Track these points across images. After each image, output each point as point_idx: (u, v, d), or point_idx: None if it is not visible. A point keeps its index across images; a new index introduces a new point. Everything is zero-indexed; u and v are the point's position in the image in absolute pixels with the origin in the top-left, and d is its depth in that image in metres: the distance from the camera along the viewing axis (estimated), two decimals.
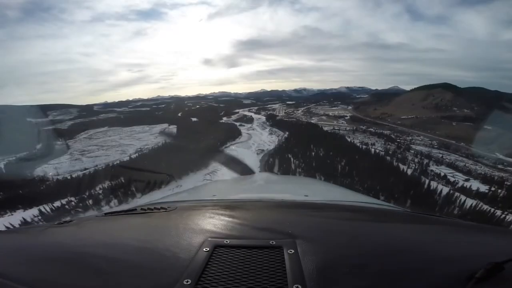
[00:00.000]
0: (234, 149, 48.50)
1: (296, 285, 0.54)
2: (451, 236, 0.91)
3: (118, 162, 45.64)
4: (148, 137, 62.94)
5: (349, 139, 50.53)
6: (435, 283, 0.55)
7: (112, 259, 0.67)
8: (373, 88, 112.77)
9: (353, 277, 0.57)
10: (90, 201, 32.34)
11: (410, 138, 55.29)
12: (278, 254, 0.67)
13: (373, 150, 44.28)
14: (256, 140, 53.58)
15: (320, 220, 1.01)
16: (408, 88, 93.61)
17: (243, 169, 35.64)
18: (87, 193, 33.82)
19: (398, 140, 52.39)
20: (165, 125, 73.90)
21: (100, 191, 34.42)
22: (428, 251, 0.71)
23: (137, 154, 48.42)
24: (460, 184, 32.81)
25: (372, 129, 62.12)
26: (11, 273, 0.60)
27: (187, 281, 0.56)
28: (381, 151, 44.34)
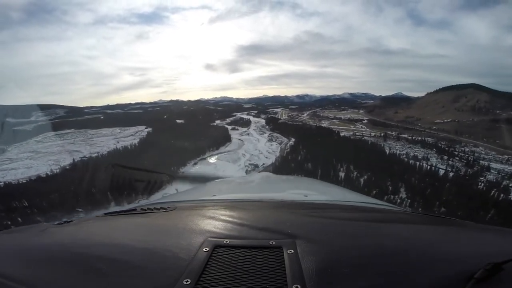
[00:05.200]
0: (213, 162, 30.35)
1: (296, 285, 0.52)
2: (451, 236, 0.87)
3: (34, 177, 27.90)
4: (108, 141, 45.32)
5: (387, 150, 32.19)
6: (434, 283, 0.53)
7: (112, 259, 0.64)
8: (377, 94, 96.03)
9: (352, 277, 0.55)
10: None
11: (468, 149, 36.82)
12: (277, 254, 0.64)
13: (431, 167, 25.93)
14: (250, 148, 35.33)
15: (320, 220, 0.95)
16: (412, 94, 79.10)
17: None
18: None
19: (455, 153, 33.88)
20: (141, 127, 56.80)
21: None
22: (428, 251, 0.68)
23: (69, 167, 30.40)
24: None
25: (406, 135, 43.81)
26: (11, 273, 0.58)
27: (186, 281, 0.54)
28: (449, 170, 26.05)
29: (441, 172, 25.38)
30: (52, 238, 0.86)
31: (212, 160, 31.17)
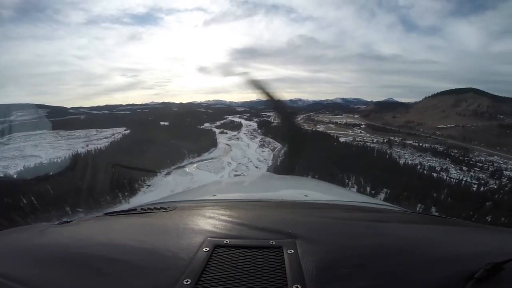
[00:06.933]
0: (191, 172, 24.76)
1: (296, 285, 0.51)
2: (451, 236, 0.86)
3: None
4: (77, 144, 39.27)
5: (397, 159, 27.28)
6: (434, 283, 0.52)
7: (112, 259, 0.63)
8: (369, 100, 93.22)
9: (352, 277, 0.54)
10: None
11: (484, 158, 32.29)
12: (277, 254, 0.63)
13: (458, 180, 21.07)
14: (237, 155, 29.89)
15: (320, 220, 0.94)
16: (402, 100, 76.10)
17: None
18: None
19: (471, 162, 29.26)
20: (120, 129, 50.82)
21: None
22: (428, 251, 0.67)
23: (11, 176, 24.34)
24: None
25: (411, 142, 39.29)
26: (11, 273, 0.58)
27: (187, 281, 0.53)
28: (475, 183, 21.26)
29: (469, 186, 20.68)
30: (52, 238, 0.84)
31: (190, 169, 25.59)
